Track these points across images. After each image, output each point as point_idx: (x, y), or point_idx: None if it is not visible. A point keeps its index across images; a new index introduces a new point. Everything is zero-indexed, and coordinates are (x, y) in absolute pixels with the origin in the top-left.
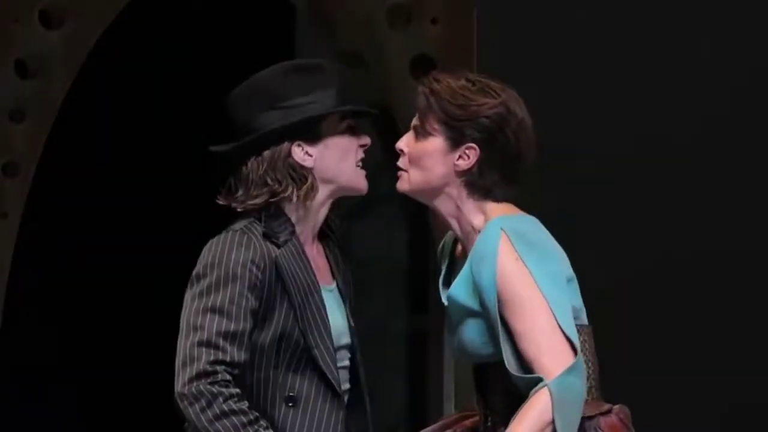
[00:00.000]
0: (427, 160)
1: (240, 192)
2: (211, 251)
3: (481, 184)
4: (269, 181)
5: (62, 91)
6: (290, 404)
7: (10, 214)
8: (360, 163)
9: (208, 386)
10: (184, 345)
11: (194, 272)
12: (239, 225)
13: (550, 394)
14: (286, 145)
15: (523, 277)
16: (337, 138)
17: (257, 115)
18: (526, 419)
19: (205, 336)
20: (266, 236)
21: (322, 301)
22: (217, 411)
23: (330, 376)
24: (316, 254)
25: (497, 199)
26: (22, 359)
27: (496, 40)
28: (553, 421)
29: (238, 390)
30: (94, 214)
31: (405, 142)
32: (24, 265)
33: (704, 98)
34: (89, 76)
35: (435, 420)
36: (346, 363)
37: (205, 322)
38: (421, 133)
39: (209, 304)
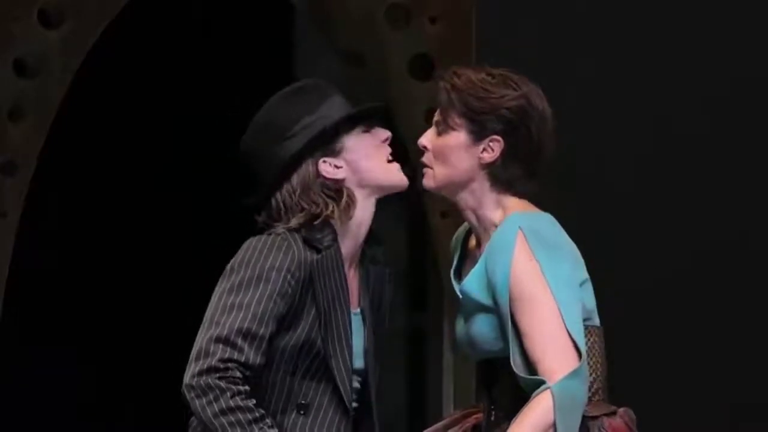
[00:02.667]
0: (451, 155)
1: (279, 221)
2: (249, 250)
3: (505, 177)
4: (305, 205)
5: (61, 90)
6: (301, 412)
7: (9, 214)
8: (390, 158)
9: (217, 381)
10: (201, 338)
11: (228, 266)
12: (282, 228)
13: (553, 397)
14: (311, 166)
15: (535, 276)
16: (356, 140)
17: (273, 151)
18: (528, 421)
19: (224, 332)
20: (306, 241)
21: (349, 315)
22: (224, 406)
23: (342, 390)
24: (351, 273)
25: (517, 194)
26: (22, 359)
27: (495, 40)
28: (554, 424)
29: (246, 387)
30: (92, 213)
31: (427, 138)
32: (23, 264)
33: (707, 98)
34: (88, 75)
35: (434, 419)
36: (356, 385)
37: (228, 319)
38: (444, 129)
39: (236, 302)
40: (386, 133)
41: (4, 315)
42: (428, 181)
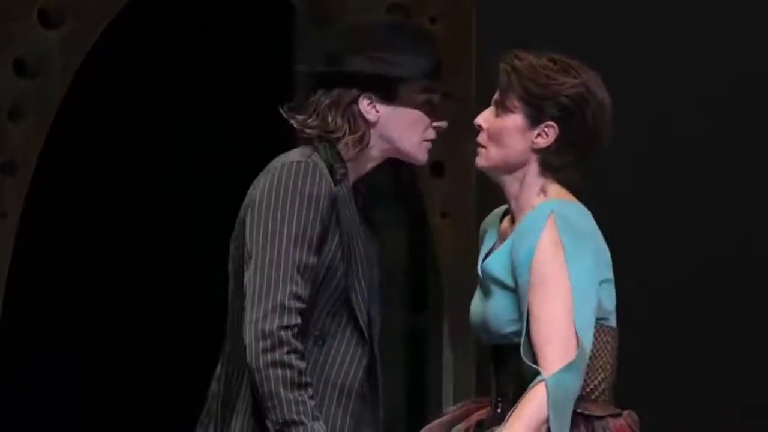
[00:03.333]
0: (506, 136)
1: (301, 116)
2: (282, 178)
3: (556, 164)
4: (328, 118)
5: (61, 90)
6: (319, 341)
7: (9, 214)
8: (429, 137)
9: (282, 331)
10: (261, 274)
11: (263, 194)
12: (305, 153)
13: (547, 390)
14: (355, 92)
15: (556, 262)
16: (409, 108)
17: (345, 54)
18: (524, 413)
19: (282, 267)
20: (329, 169)
21: (363, 245)
22: (277, 358)
23: (360, 320)
24: None
25: (563, 182)
26: (22, 359)
27: (495, 40)
28: (548, 419)
29: (302, 346)
30: (92, 213)
31: (484, 118)
32: (23, 264)
33: (707, 98)
34: (88, 75)
35: (434, 419)
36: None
37: (281, 252)
38: (502, 110)
39: (284, 232)
40: (442, 123)
41: (4, 315)
42: (481, 161)
